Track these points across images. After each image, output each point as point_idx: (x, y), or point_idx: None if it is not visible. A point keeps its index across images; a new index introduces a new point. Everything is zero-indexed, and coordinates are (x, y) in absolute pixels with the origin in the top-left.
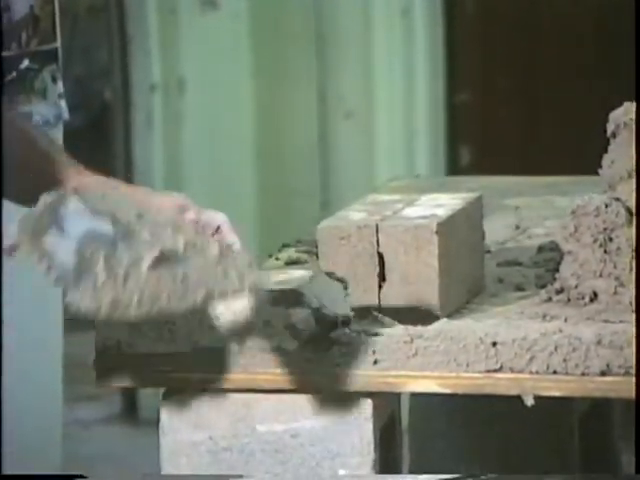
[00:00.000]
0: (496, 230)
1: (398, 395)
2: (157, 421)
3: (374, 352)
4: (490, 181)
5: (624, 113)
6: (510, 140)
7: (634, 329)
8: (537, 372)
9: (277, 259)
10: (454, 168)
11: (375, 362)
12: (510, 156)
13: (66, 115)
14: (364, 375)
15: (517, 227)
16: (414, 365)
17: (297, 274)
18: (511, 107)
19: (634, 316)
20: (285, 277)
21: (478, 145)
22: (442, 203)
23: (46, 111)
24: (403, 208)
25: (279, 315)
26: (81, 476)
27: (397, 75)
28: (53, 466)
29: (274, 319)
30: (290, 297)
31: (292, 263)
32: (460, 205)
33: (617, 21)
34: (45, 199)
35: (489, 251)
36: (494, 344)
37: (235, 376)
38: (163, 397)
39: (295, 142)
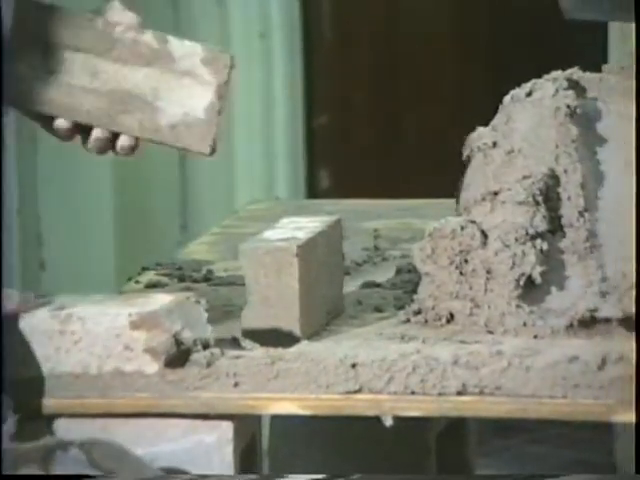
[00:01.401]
0: (355, 252)
1: (259, 417)
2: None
3: (235, 374)
4: (349, 204)
5: (478, 138)
6: (369, 163)
7: (634, 344)
8: (395, 393)
9: (137, 282)
10: (314, 191)
11: (236, 385)
12: (369, 179)
13: None
14: (225, 398)
15: (376, 249)
16: (275, 387)
17: (157, 297)
18: (370, 130)
19: (634, 329)
20: (145, 300)
21: (337, 168)
22: (302, 226)
23: None
24: (262, 230)
25: (138, 339)
26: (87, 476)
27: (256, 97)
28: None
29: (133, 342)
30: (149, 320)
31: (152, 286)
32: (320, 228)
33: (475, 44)
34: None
35: (348, 273)
36: (353, 365)
37: (93, 401)
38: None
39: (154, 164)
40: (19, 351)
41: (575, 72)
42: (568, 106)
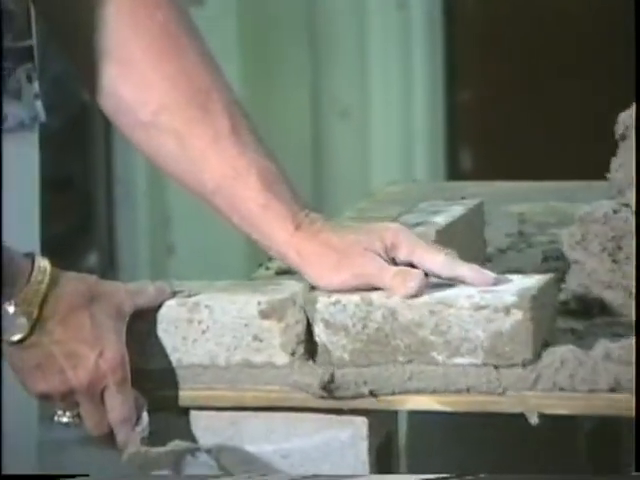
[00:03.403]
0: (498, 238)
1: (395, 413)
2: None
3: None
4: (492, 186)
5: (632, 115)
6: (513, 142)
7: (634, 343)
8: (542, 389)
9: (267, 268)
10: (454, 172)
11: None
12: (514, 159)
13: (42, 117)
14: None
15: (520, 235)
16: (411, 387)
17: (288, 284)
18: (515, 107)
19: (634, 326)
20: (275, 287)
21: (480, 148)
22: (441, 210)
23: (21, 112)
24: (399, 215)
25: (268, 328)
26: (84, 476)
27: (394, 72)
28: None
29: (263, 333)
30: (280, 309)
31: (283, 273)
32: (460, 212)
33: (619, 16)
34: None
35: (490, 260)
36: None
37: (221, 393)
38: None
39: (286, 144)
40: (147, 342)
41: None
42: None
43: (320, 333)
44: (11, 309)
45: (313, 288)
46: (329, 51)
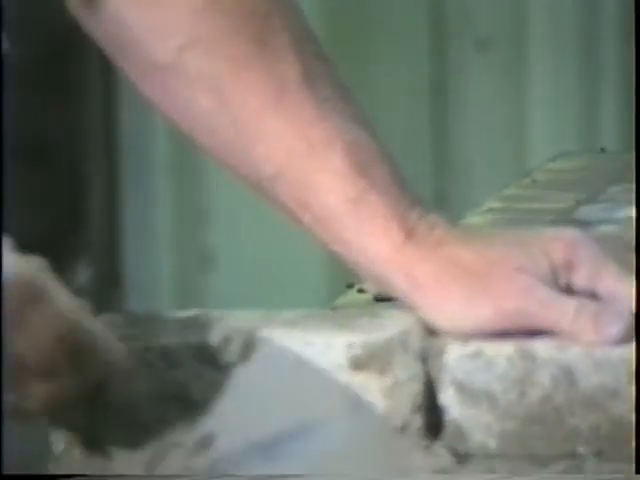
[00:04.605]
0: None
1: None
2: None
3: None
4: None
5: None
6: None
7: (634, 343)
8: None
9: (361, 291)
10: None
11: None
12: None
13: (5, 45)
14: None
15: None
16: None
17: (394, 317)
18: None
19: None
20: (373, 321)
21: None
22: None
23: None
24: (576, 207)
25: (364, 386)
26: (82, 476)
27: None
28: None
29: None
30: (382, 356)
31: (386, 299)
32: None
33: None
34: None
35: None
36: None
37: None
38: None
39: (395, 93)
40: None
41: None
42: None
43: (450, 402)
44: None
45: (433, 331)
46: None
